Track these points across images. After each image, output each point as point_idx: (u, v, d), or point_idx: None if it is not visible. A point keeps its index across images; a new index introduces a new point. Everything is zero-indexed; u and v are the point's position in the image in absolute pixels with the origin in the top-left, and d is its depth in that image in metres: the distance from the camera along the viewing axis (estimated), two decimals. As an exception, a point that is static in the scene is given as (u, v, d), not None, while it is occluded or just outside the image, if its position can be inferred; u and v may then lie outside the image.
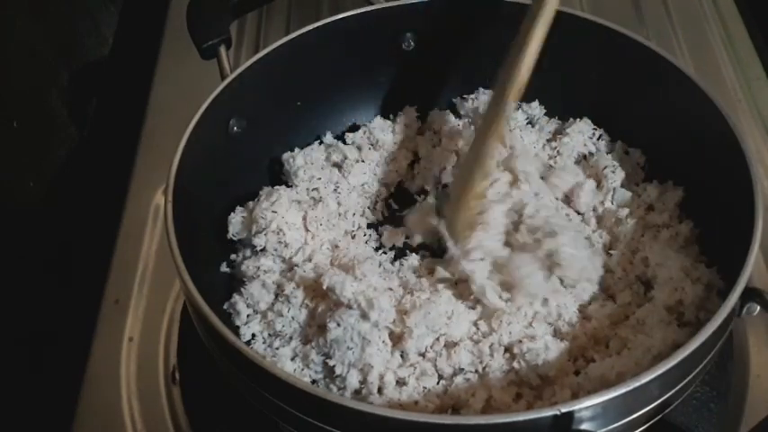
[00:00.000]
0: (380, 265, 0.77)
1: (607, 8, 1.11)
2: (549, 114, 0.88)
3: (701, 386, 0.73)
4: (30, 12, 0.90)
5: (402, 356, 0.68)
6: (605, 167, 0.81)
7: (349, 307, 0.67)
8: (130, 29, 1.14)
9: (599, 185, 0.81)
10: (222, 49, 0.80)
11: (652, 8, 1.13)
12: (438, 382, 0.67)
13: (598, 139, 0.85)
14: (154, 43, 1.09)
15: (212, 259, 0.76)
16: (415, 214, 0.82)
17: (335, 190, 0.83)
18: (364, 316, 0.67)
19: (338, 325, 0.67)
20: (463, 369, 0.67)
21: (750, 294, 0.62)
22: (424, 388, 0.66)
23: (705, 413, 0.73)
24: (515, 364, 0.66)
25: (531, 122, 0.88)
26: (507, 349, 0.68)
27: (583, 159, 0.84)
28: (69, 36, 1.01)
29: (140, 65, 1.07)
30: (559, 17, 0.79)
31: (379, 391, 0.66)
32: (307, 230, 0.76)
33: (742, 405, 0.74)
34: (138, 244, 0.89)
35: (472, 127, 0.86)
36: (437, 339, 0.69)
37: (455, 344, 0.68)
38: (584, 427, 0.54)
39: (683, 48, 1.07)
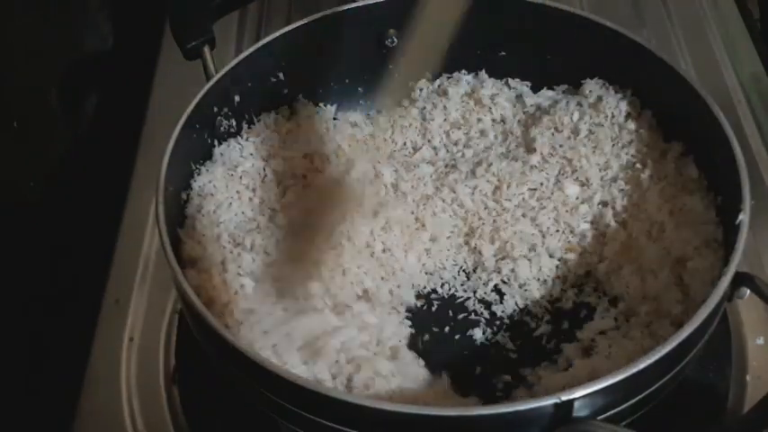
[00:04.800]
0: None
1: (607, 8, 1.11)
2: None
3: (699, 389, 0.74)
4: (29, 11, 0.90)
5: None
6: None
7: None
8: (130, 29, 1.14)
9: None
10: (206, 50, 0.81)
11: (652, 8, 1.13)
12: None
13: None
14: (154, 43, 1.09)
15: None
16: None
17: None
18: None
19: None
20: None
21: (741, 279, 0.62)
22: None
23: (704, 413, 0.73)
24: None
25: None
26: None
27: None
28: (69, 36, 1.01)
29: (140, 65, 1.07)
30: (559, 16, 0.80)
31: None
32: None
33: (741, 405, 0.74)
34: (138, 244, 0.89)
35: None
36: None
37: None
38: (584, 413, 0.55)
39: (683, 48, 1.07)
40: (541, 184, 0.81)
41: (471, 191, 0.80)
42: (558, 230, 0.79)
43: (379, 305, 0.74)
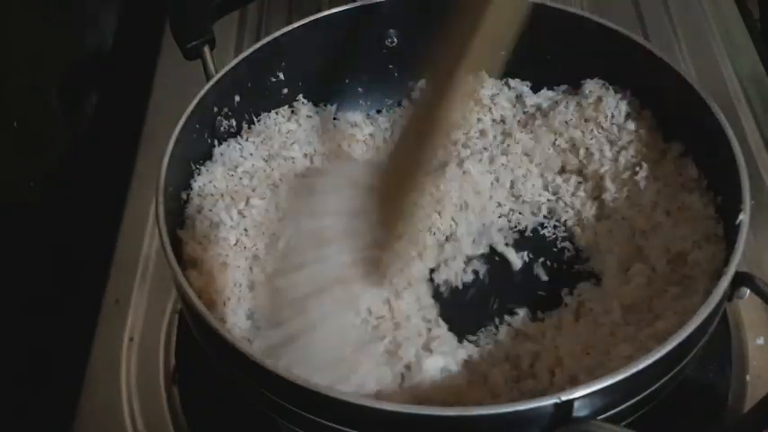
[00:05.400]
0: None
1: (607, 8, 1.11)
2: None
3: (699, 390, 0.74)
4: (29, 11, 0.90)
5: None
6: None
7: None
8: (130, 29, 1.14)
9: None
10: (206, 50, 0.81)
11: (652, 8, 1.13)
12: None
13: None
14: (154, 43, 1.09)
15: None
16: None
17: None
18: None
19: None
20: None
21: (741, 279, 0.63)
22: None
23: (704, 413, 0.73)
24: None
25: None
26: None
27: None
28: (69, 36, 1.01)
29: (140, 65, 1.07)
30: (559, 16, 0.80)
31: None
32: None
33: (741, 405, 0.74)
34: (138, 244, 0.89)
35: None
36: None
37: None
38: (584, 413, 0.55)
39: (683, 48, 1.07)
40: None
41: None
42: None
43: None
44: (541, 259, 0.79)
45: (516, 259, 0.79)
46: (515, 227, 0.82)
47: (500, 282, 0.78)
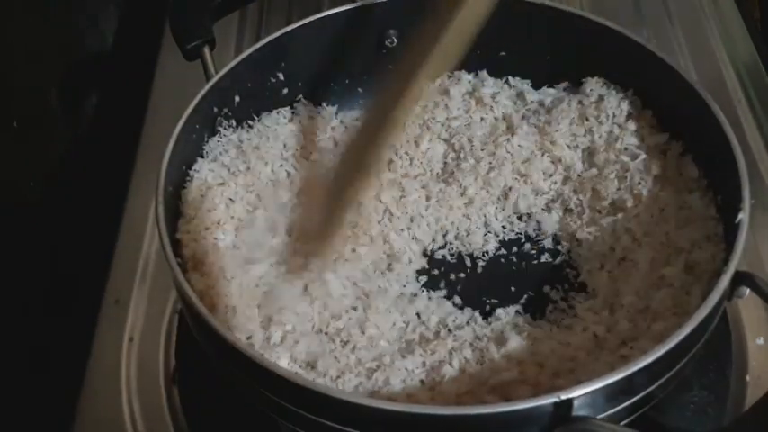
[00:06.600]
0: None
1: (607, 8, 1.11)
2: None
3: (699, 390, 0.74)
4: (29, 11, 0.90)
5: None
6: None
7: None
8: (130, 29, 1.14)
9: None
10: (206, 50, 0.81)
11: (652, 8, 1.13)
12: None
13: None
14: (154, 43, 1.09)
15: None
16: None
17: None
18: None
19: None
20: None
21: (741, 278, 0.63)
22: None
23: (703, 417, 0.73)
24: None
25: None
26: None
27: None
28: (69, 36, 1.01)
29: (140, 65, 1.07)
30: (559, 16, 0.80)
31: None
32: None
33: (741, 405, 0.74)
34: (138, 244, 0.89)
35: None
36: None
37: None
38: (584, 412, 0.55)
39: (683, 48, 1.07)
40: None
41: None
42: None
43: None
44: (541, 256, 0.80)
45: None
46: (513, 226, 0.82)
47: (499, 277, 0.79)
